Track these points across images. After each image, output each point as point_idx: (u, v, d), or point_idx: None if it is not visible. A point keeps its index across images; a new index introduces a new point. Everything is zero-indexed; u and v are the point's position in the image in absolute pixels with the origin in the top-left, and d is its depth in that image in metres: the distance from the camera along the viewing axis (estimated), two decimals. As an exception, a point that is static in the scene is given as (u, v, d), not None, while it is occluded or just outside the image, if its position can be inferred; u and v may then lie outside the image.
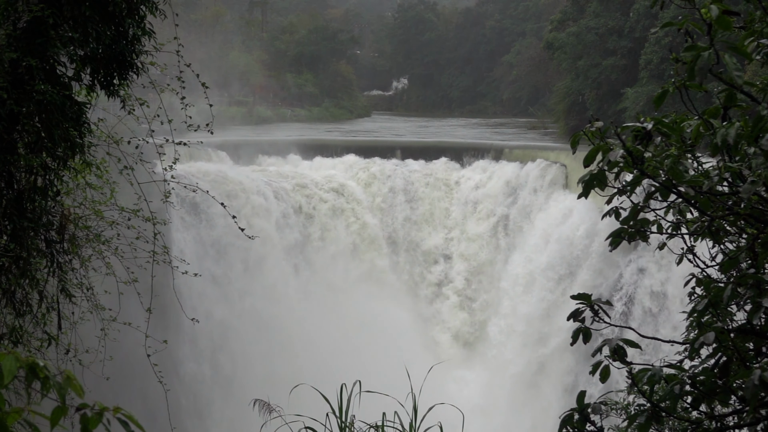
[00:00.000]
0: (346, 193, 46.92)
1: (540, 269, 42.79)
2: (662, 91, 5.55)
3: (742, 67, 5.38)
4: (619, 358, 5.74)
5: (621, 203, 6.44)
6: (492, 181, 47.40)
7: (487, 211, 46.70)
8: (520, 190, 45.86)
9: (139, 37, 10.09)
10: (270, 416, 10.94)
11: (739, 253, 6.17)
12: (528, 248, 43.99)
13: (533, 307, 42.59)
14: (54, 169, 10.15)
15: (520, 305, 43.31)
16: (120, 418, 3.54)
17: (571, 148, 6.08)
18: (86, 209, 12.24)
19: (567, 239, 42.03)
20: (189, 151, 38.95)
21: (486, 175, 48.03)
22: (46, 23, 9.19)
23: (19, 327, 10.79)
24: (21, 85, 9.26)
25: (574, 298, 6.08)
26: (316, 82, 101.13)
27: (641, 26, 60.50)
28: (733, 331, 5.78)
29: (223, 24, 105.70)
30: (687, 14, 5.34)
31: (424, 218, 47.78)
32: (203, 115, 11.31)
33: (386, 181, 48.20)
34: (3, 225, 9.97)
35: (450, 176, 48.54)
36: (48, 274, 11.07)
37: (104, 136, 11.83)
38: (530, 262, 43.48)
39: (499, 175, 47.45)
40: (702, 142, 5.62)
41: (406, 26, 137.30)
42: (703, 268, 7.06)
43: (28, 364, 3.59)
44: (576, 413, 5.88)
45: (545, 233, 43.19)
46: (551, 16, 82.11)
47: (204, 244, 41.05)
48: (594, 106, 63.45)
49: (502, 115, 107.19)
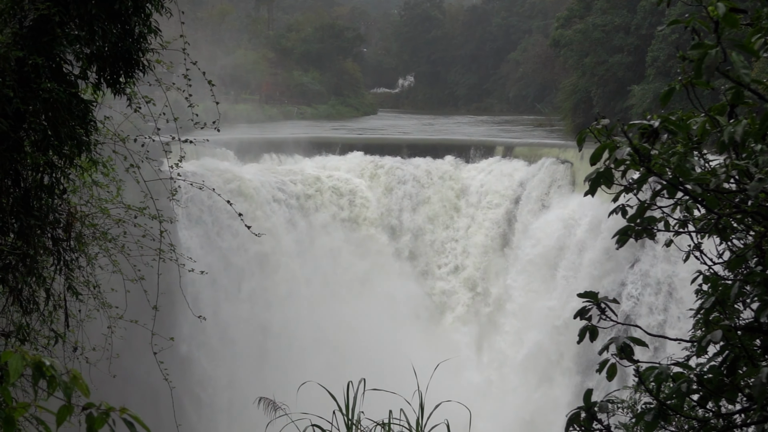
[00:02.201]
0: (352, 190, 46.92)
1: (546, 266, 42.77)
2: (669, 88, 5.53)
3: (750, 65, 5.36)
4: (626, 356, 5.73)
5: (627, 201, 6.43)
6: (498, 179, 47.36)
7: (494, 208, 46.67)
8: (527, 188, 45.81)
9: (145, 35, 10.08)
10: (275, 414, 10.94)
11: (747, 250, 6.15)
12: (534, 245, 43.94)
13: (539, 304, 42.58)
14: (60, 167, 10.15)
15: (526, 301, 43.29)
16: (126, 419, 3.54)
17: (577, 145, 6.06)
18: (93, 207, 12.25)
19: (573, 237, 42.00)
20: (196, 149, 38.94)
21: (492, 172, 48.00)
22: (53, 21, 9.20)
23: (26, 325, 10.80)
24: (27, 83, 9.26)
25: (580, 296, 6.07)
26: (322, 80, 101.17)
27: (648, 23, 60.40)
28: (741, 329, 5.76)
29: (230, 22, 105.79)
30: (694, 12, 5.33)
31: (430, 216, 47.76)
32: (210, 113, 11.31)
33: (392, 178, 48.19)
34: (10, 223, 9.98)
35: (456, 174, 48.50)
36: (55, 272, 11.07)
37: (110, 134, 11.83)
38: (537, 258, 43.45)
39: (505, 172, 47.42)
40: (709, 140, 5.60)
41: (412, 24, 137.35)
42: (710, 266, 7.05)
43: (34, 363, 3.60)
44: (583, 411, 5.87)
45: (551, 231, 43.15)
46: (558, 13, 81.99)
47: (211, 242, 41.08)
48: (601, 103, 63.38)
49: (508, 113, 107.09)
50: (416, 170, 48.56)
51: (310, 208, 45.57)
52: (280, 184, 44.99)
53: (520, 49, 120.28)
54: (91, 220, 12.06)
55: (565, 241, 42.38)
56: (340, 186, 46.84)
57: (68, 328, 11.76)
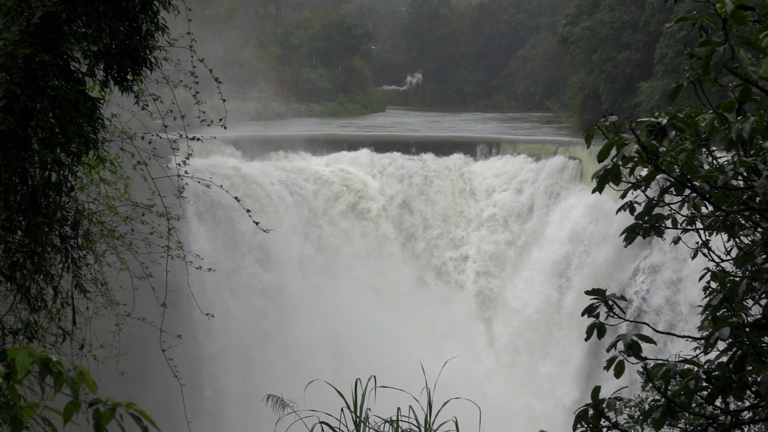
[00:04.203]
0: (361, 187, 46.93)
1: (554, 263, 42.79)
2: (677, 85, 5.53)
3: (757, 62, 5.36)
4: (634, 354, 5.73)
5: (635, 198, 6.43)
6: (506, 176, 47.39)
7: (502, 205, 46.69)
8: (535, 185, 45.82)
9: (152, 32, 10.08)
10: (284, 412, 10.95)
11: (755, 247, 6.14)
12: (542, 242, 43.97)
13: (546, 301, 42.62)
14: (68, 164, 10.16)
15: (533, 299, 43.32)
16: (133, 414, 3.54)
17: (585, 142, 6.06)
18: (100, 205, 12.25)
19: (581, 233, 41.99)
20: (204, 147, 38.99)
21: (500, 169, 48.02)
22: (60, 19, 9.20)
23: (34, 322, 10.82)
24: (35, 81, 9.27)
25: (588, 293, 6.07)
26: (330, 78, 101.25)
27: (656, 20, 60.34)
28: (749, 326, 5.76)
29: (238, 19, 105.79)
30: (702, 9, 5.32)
31: (438, 212, 47.78)
32: (217, 111, 11.31)
33: (401, 175, 48.21)
34: (18, 221, 9.99)
35: (464, 170, 48.50)
36: (62, 270, 11.09)
37: (118, 131, 11.83)
38: (544, 256, 43.47)
39: (513, 169, 47.46)
40: (717, 137, 5.60)
41: (420, 21, 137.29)
42: (718, 263, 7.04)
43: (41, 360, 3.60)
44: (591, 408, 5.87)
45: (559, 227, 43.16)
46: (566, 10, 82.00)
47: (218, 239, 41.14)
48: (609, 100, 63.38)
49: (516, 110, 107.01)
50: (424, 167, 48.57)
51: (318, 204, 45.59)
52: (288, 181, 45.02)
53: (528, 46, 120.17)
54: (98, 218, 12.06)
55: (572, 237, 42.37)
56: (349, 183, 46.86)
57: (76, 326, 11.77)
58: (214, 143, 40.81)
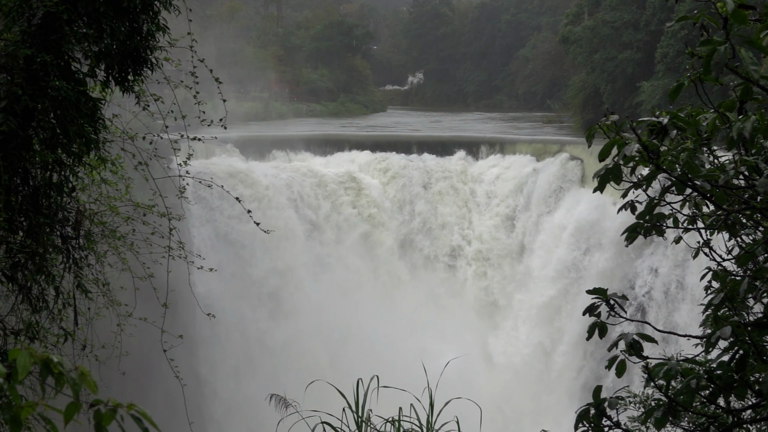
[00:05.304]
0: (362, 187, 46.92)
1: (555, 262, 42.77)
2: (678, 84, 5.53)
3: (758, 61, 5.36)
4: (635, 353, 5.73)
5: (636, 197, 6.43)
6: (507, 175, 47.39)
7: (503, 204, 46.70)
8: (536, 184, 45.80)
9: (153, 32, 10.08)
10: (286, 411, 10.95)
11: (756, 246, 6.14)
12: (544, 241, 43.96)
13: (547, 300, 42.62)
14: (69, 165, 10.16)
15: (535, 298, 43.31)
16: (134, 415, 3.54)
17: (586, 141, 6.06)
18: (101, 205, 12.25)
19: (582, 233, 41.98)
20: (205, 148, 39.01)
21: (502, 168, 48.03)
22: (61, 19, 9.20)
23: (36, 323, 10.82)
24: (36, 81, 9.28)
25: (589, 292, 6.07)
26: (331, 78, 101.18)
27: (657, 19, 60.35)
28: (750, 325, 5.76)
29: (239, 20, 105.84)
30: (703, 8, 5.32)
31: (440, 212, 47.77)
32: (219, 111, 11.31)
33: (402, 175, 48.20)
34: (19, 221, 10.00)
35: (466, 170, 48.50)
36: (64, 270, 11.08)
37: (119, 132, 11.84)
38: (546, 255, 43.47)
39: (514, 168, 47.46)
40: (718, 136, 5.60)
41: (421, 21, 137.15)
42: (719, 262, 7.04)
43: (42, 360, 3.60)
44: (592, 408, 5.87)
45: (561, 227, 43.15)
46: (567, 9, 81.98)
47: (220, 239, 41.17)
48: (610, 99, 63.39)
49: (517, 110, 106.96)
50: (425, 167, 48.56)
51: (319, 204, 45.60)
52: (289, 181, 45.02)
53: (529, 45, 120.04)
54: (100, 218, 12.06)
55: (574, 236, 42.36)
56: (349, 183, 46.84)
57: (77, 326, 11.77)
58: (215, 143, 40.90)
